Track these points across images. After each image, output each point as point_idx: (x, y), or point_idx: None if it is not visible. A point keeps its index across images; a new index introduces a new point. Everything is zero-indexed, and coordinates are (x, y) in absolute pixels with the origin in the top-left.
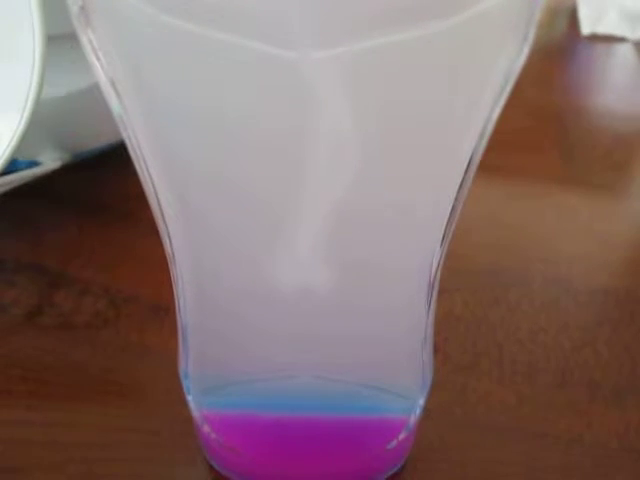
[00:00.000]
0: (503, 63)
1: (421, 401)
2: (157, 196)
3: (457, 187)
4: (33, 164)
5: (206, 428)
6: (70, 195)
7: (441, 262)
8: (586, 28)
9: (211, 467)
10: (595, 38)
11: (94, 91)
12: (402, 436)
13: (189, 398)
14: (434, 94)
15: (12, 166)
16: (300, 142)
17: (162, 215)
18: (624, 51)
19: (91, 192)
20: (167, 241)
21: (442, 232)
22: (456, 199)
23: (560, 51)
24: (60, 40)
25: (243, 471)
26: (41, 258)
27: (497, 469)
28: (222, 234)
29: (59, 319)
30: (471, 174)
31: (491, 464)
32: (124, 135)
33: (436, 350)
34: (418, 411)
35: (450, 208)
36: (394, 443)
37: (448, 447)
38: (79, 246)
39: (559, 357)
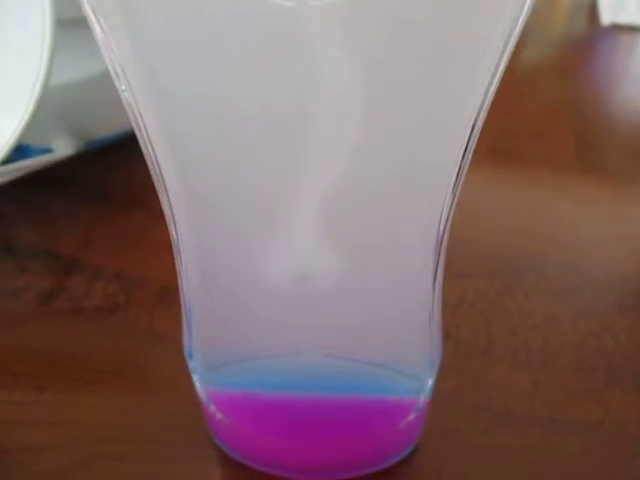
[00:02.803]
0: (507, 13)
1: (430, 382)
2: (163, 180)
3: (462, 151)
4: (46, 151)
5: (212, 408)
6: (82, 183)
7: (447, 231)
8: (606, 19)
9: (218, 448)
10: (615, 29)
11: (106, 77)
12: (412, 417)
13: (195, 378)
14: (436, 45)
15: (25, 152)
16: (301, 101)
17: (168, 199)
18: None
19: (103, 180)
20: (172, 225)
21: (447, 200)
22: (461, 165)
23: (580, 42)
24: (73, 25)
25: (250, 451)
26: (53, 244)
27: (512, 455)
28: (226, 216)
29: (70, 303)
30: (475, 137)
31: (505, 450)
32: (131, 117)
33: (448, 336)
34: (428, 392)
35: (455, 173)
36: (404, 424)
37: (460, 433)
38: (91, 232)
39: (576, 342)
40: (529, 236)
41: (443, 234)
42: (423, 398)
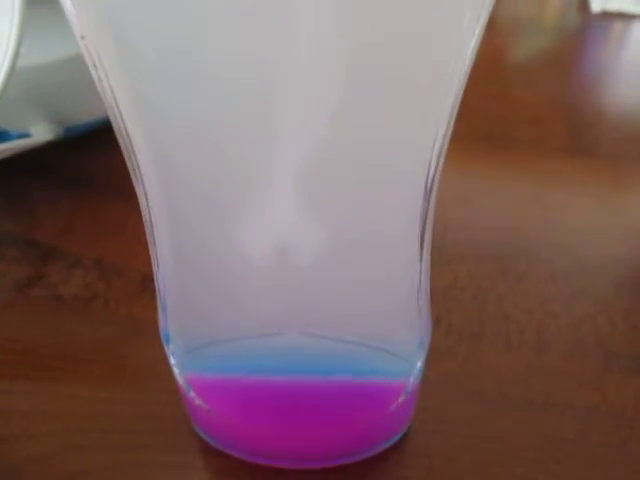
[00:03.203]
0: None
1: (419, 363)
2: (134, 152)
3: (448, 101)
4: (24, 136)
5: (191, 394)
6: (63, 170)
7: (433, 197)
8: (596, 6)
9: (199, 437)
10: (605, 16)
11: (84, 59)
12: (401, 400)
13: (172, 362)
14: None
15: (4, 138)
16: (276, 65)
17: (139, 173)
18: (635, 28)
19: (84, 167)
20: (144, 201)
21: (433, 160)
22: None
23: (571, 30)
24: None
25: (231, 440)
26: (33, 232)
27: (507, 441)
28: (199, 188)
29: (48, 291)
30: (464, 83)
31: (500, 436)
32: (98, 85)
33: (439, 321)
34: (417, 374)
35: (442, 130)
36: (393, 407)
37: (452, 419)
38: (71, 220)
39: (570, 326)
40: (522, 220)
41: (429, 200)
42: (413, 380)
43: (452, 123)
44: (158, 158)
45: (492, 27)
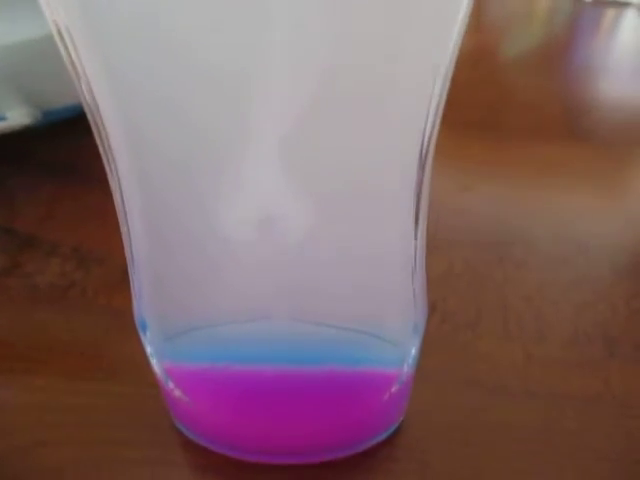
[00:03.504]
0: None
1: (414, 350)
2: (102, 122)
3: (442, 75)
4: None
5: (170, 385)
6: (42, 157)
7: (427, 168)
8: None
9: (179, 432)
10: (599, 3)
11: None
12: (394, 389)
13: (149, 351)
14: None
15: None
16: (256, 27)
17: (109, 147)
18: (628, 15)
19: (64, 154)
20: (114, 175)
21: (427, 127)
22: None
23: (565, 19)
24: None
25: (214, 434)
26: (11, 220)
27: (506, 433)
28: (174, 158)
29: (24, 280)
30: (453, 60)
31: (498, 427)
32: (66, 60)
33: (434, 309)
34: (411, 362)
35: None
36: (385, 398)
37: (448, 410)
38: (50, 208)
39: (571, 313)
40: (518, 207)
41: (424, 169)
42: (407, 369)
43: (447, 84)
44: (128, 128)
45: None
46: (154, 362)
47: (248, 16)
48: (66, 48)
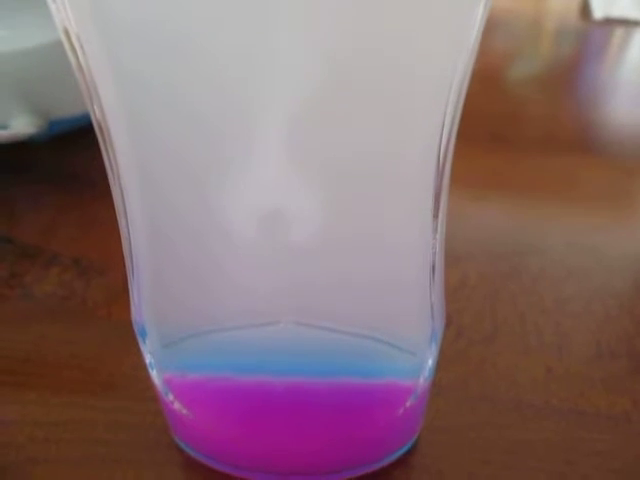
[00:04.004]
0: None
1: (431, 361)
2: (110, 136)
3: (462, 70)
4: (3, 128)
5: (170, 397)
6: (46, 167)
7: (448, 159)
8: (598, 12)
9: (179, 449)
10: (608, 23)
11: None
12: (409, 404)
13: (148, 361)
14: None
15: None
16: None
17: (115, 161)
18: (637, 34)
19: (68, 164)
20: (113, 170)
21: (448, 112)
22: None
23: (574, 37)
24: None
25: (216, 451)
26: (11, 230)
27: (527, 452)
28: (177, 152)
29: (21, 290)
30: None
31: (519, 446)
32: (75, 68)
33: (449, 322)
34: (428, 374)
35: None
36: (400, 412)
37: (466, 427)
38: (52, 218)
39: (592, 327)
40: (530, 218)
41: (444, 161)
42: (423, 381)
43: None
44: (135, 136)
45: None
46: (153, 373)
47: (262, 7)
48: (76, 56)
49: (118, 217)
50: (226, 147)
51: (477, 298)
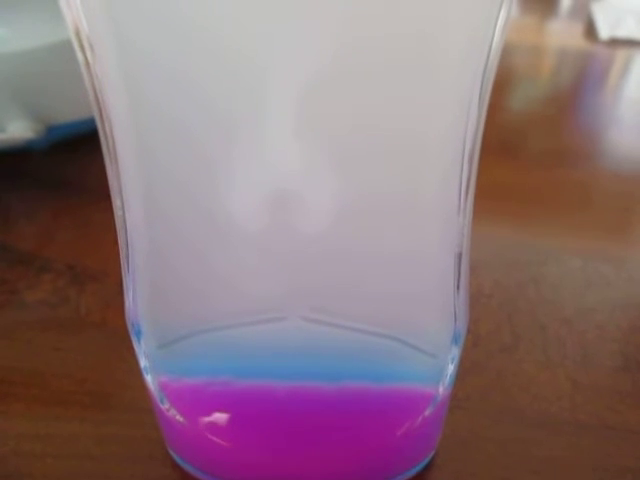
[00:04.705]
0: None
1: (451, 367)
2: (113, 138)
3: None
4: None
5: (165, 405)
6: (41, 173)
7: (479, 135)
8: (604, 33)
9: (175, 464)
10: (613, 44)
11: (67, 46)
12: (428, 413)
13: (142, 365)
14: None
15: None
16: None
17: (114, 153)
18: None
19: (64, 170)
20: (109, 146)
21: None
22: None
23: (577, 57)
24: None
25: (216, 466)
26: (5, 235)
27: (553, 470)
28: (180, 132)
29: (11, 296)
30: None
31: (545, 464)
32: (83, 69)
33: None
34: (448, 381)
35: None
36: (417, 422)
37: (487, 443)
38: (46, 225)
39: (618, 338)
40: (545, 226)
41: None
42: (442, 390)
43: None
44: (139, 140)
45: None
46: (148, 378)
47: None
48: (85, 56)
49: (113, 203)
50: (238, 137)
51: (493, 307)
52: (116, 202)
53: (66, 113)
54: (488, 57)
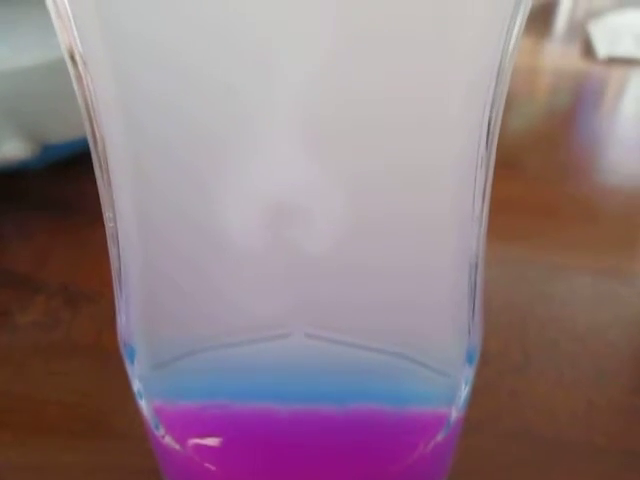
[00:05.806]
0: None
1: (466, 388)
2: (107, 159)
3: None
4: None
5: (160, 431)
6: (35, 194)
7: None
8: (602, 51)
9: None
10: (611, 62)
11: (62, 66)
12: (440, 438)
13: (136, 389)
14: None
15: None
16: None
17: (105, 163)
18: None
19: (55, 192)
20: (101, 161)
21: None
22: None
23: (575, 75)
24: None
25: None
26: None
27: None
28: (178, 159)
29: (2, 318)
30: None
31: None
32: (77, 89)
33: None
34: (461, 403)
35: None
36: (429, 448)
37: (500, 468)
38: (40, 246)
39: (634, 357)
40: (551, 240)
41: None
42: (455, 412)
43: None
44: (134, 160)
45: None
46: (142, 403)
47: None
48: (79, 76)
49: (104, 215)
50: (237, 151)
51: (503, 325)
52: (107, 214)
53: (61, 133)
54: (501, 63)
